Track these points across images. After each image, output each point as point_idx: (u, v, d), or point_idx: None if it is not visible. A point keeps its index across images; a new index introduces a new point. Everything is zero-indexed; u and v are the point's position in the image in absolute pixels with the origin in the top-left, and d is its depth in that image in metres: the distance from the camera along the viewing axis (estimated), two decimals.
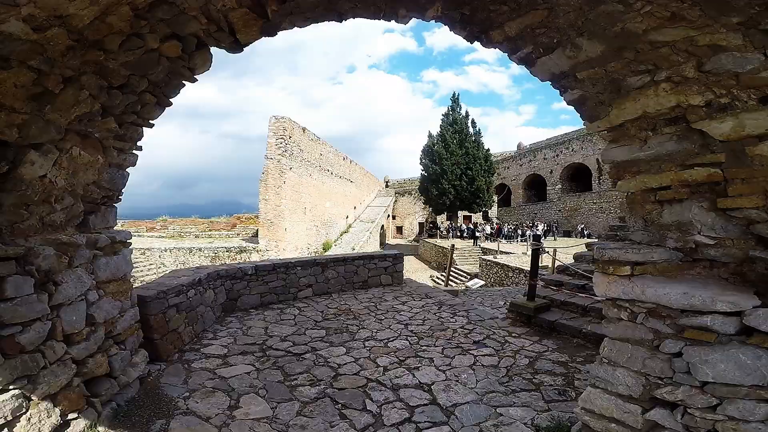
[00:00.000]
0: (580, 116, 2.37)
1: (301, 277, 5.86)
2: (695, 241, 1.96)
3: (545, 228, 26.95)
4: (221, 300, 5.06)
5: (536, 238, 4.65)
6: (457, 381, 3.25)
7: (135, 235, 25.92)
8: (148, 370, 3.28)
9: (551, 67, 2.19)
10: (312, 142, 25.39)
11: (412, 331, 4.45)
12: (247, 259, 20.50)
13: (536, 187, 36.81)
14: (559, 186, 33.35)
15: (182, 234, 24.28)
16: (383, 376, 3.33)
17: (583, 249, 6.45)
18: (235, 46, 2.51)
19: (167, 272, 4.99)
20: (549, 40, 2.04)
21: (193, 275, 4.47)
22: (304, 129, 24.07)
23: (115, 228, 3.13)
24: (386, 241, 37.71)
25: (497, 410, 2.81)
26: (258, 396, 3.01)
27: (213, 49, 2.57)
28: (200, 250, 20.47)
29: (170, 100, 2.91)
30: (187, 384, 3.19)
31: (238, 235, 24.74)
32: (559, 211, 32.52)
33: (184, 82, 2.79)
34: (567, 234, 29.46)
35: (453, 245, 8.47)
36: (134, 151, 3.10)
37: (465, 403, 2.90)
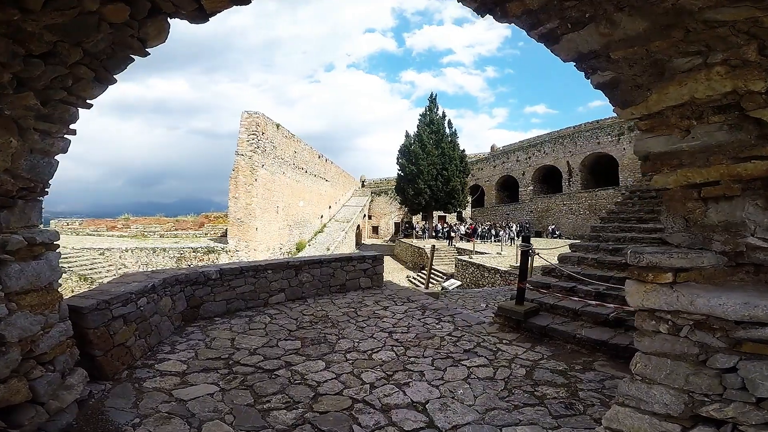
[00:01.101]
0: (610, 101, 2.07)
1: (273, 281, 5.32)
2: (747, 243, 1.69)
3: (518, 228, 27.41)
4: (181, 308, 4.47)
5: (525, 239, 4.40)
6: (453, 398, 2.88)
7: (94, 235, 24.44)
8: (90, 391, 2.76)
9: (579, 45, 1.87)
10: (286, 139, 24.54)
11: (397, 340, 4.05)
12: (216, 260, 19.54)
13: (509, 188, 37.53)
14: (531, 187, 34.13)
15: (146, 233, 23.14)
16: (370, 395, 2.91)
17: (566, 250, 6.31)
18: (198, 14, 2.02)
19: (115, 277, 4.34)
20: (580, 14, 1.72)
21: (146, 281, 3.86)
22: (278, 125, 23.21)
23: (40, 227, 2.54)
24: (362, 241, 37.23)
25: (503, 431, 2.47)
26: (224, 423, 2.52)
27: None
28: (165, 250, 19.39)
29: (113, 76, 2.38)
30: (137, 408, 2.66)
31: (206, 234, 23.76)
32: (531, 212, 33.27)
33: (132, 55, 2.27)
34: (538, 234, 30.14)
35: (434, 246, 8.28)
36: (66, 136, 2.53)
37: (466, 424, 2.53)
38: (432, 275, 20.06)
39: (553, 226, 29.77)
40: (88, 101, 2.45)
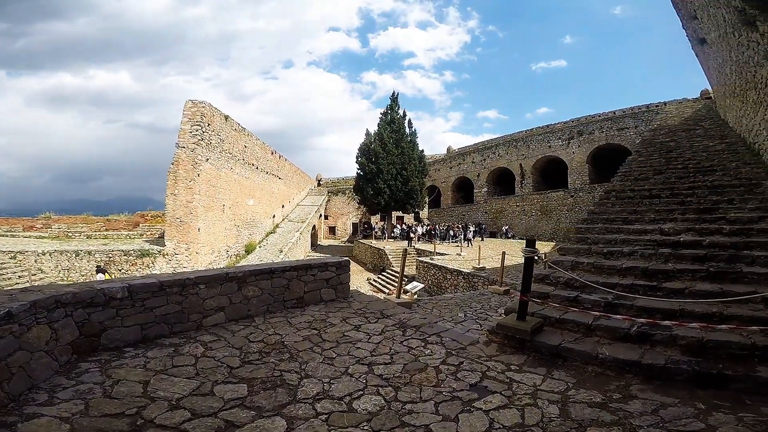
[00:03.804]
0: None
1: (207, 298, 4.08)
2: None
3: (475, 229, 27.57)
4: (68, 338, 3.13)
5: (530, 243, 3.63)
6: None
7: (8, 236, 20.84)
8: None
9: None
10: (236, 132, 22.50)
11: (381, 375, 3.03)
12: (151, 264, 17.31)
13: (464, 189, 38.00)
14: (485, 189, 34.75)
15: (70, 234, 20.46)
16: None
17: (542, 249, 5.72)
18: None
19: None
20: None
21: None
22: (226, 117, 21.17)
23: None
24: (318, 242, 35.63)
25: None
26: None
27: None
28: (90, 253, 17.01)
29: None
30: None
31: (141, 236, 21.32)
32: (486, 213, 33.88)
33: None
34: (493, 235, 30.69)
35: (405, 250, 7.61)
36: None
37: None
38: (394, 278, 19.27)
39: (506, 227, 30.45)
40: None
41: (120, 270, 17.00)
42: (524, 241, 4.20)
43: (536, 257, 3.63)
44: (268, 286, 4.64)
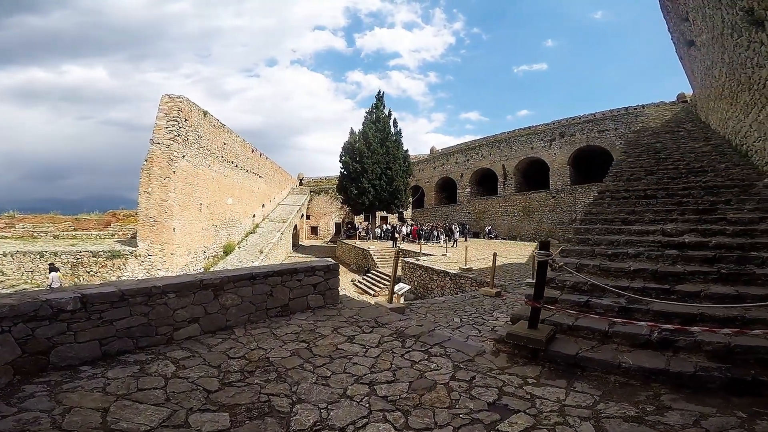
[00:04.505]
0: None
1: (178, 308, 3.56)
2: None
3: (459, 229, 27.53)
4: (8, 357, 2.60)
5: (543, 245, 3.32)
6: None
7: None
8: None
9: None
10: (214, 128, 21.61)
11: (386, 397, 2.62)
12: (122, 266, 16.35)
13: (448, 189, 38.03)
14: (468, 189, 34.85)
15: (35, 234, 19.20)
16: None
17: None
18: None
19: None
20: None
21: None
22: (205, 113, 20.29)
23: None
24: (300, 243, 34.84)
25: None
26: None
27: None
28: (56, 254, 16.00)
29: None
30: None
31: (113, 235, 20.29)
32: (469, 213, 33.97)
33: None
34: (476, 235, 30.79)
35: (398, 253, 7.21)
36: None
37: None
38: (379, 279, 18.92)
39: (489, 227, 30.60)
40: None
41: (89, 272, 16.03)
42: (508, 241, 3.91)
43: (551, 261, 3.32)
44: (249, 294, 4.15)
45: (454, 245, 22.84)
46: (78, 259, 16.17)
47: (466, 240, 25.99)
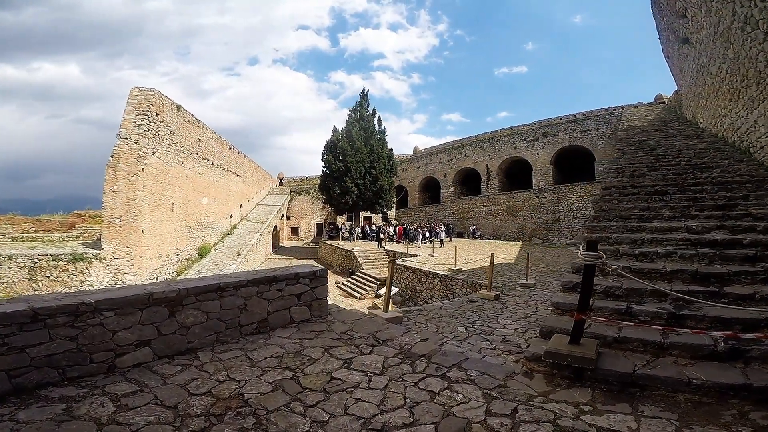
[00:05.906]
0: None
1: (120, 329, 2.75)
2: None
3: (444, 229, 27.10)
4: None
5: (591, 245, 2.70)
6: None
7: None
8: None
9: None
10: (189, 124, 20.31)
11: None
12: (85, 270, 14.97)
13: (431, 189, 37.67)
14: (452, 189, 34.57)
15: None
16: None
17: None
18: None
19: None
20: None
21: None
22: (178, 107, 19.01)
23: None
24: (280, 244, 33.62)
25: None
26: None
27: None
28: (11, 258, 14.55)
29: None
30: None
31: (77, 237, 18.86)
32: (453, 213, 33.68)
33: None
34: (460, 235, 30.50)
35: (394, 255, 6.68)
36: None
37: None
38: (366, 280, 18.18)
39: (473, 227, 30.36)
40: None
41: (48, 277, 14.64)
42: (492, 241, 3.31)
43: (601, 264, 2.71)
44: (217, 308, 3.34)
45: (441, 245, 22.35)
46: (36, 262, 14.78)
47: (450, 239, 25.58)
